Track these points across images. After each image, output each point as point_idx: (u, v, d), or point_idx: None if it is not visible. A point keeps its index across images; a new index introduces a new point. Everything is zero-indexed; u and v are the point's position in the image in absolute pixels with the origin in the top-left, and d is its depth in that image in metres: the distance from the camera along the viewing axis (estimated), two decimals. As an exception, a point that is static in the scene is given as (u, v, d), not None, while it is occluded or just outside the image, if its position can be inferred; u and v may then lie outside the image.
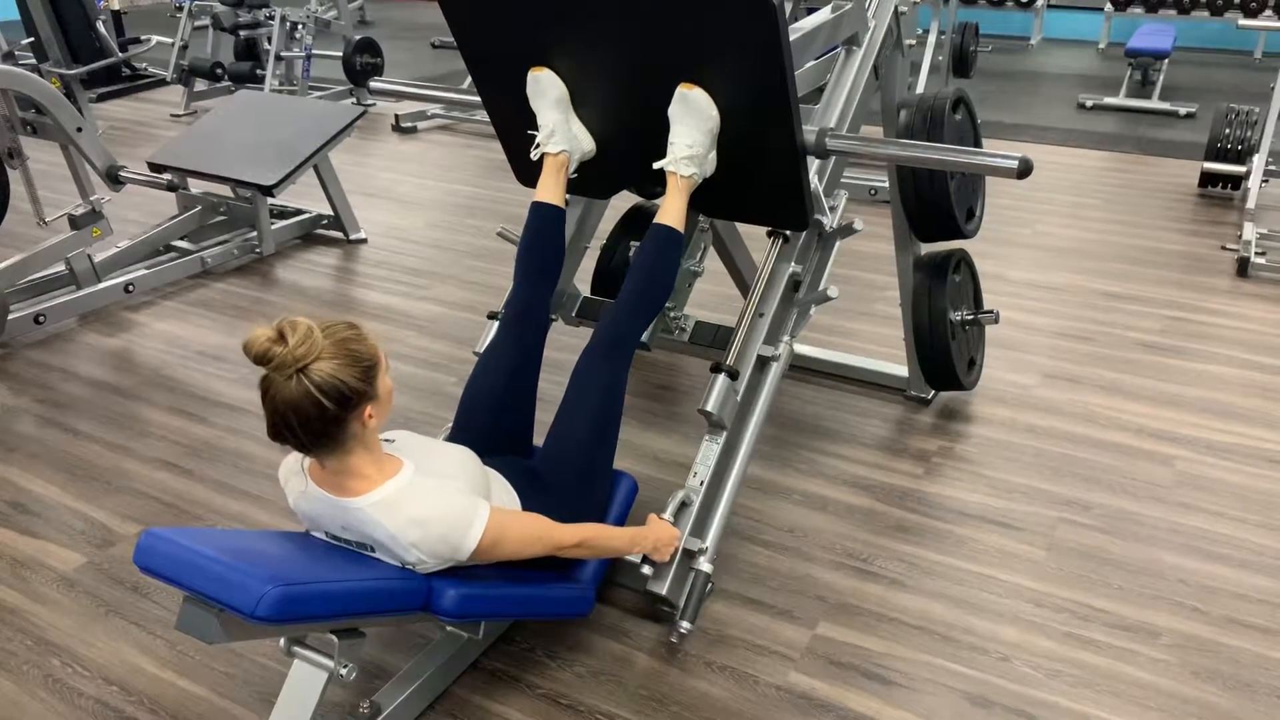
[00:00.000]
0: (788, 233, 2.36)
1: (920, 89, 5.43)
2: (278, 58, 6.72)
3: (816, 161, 2.35)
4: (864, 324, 3.72)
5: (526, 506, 1.97)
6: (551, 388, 2.44)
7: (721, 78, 2.05)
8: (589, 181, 2.42)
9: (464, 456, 1.88)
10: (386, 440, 1.85)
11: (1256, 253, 4.21)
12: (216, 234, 4.37)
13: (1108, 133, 6.53)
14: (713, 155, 2.15)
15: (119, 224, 4.41)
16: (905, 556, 2.46)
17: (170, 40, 6.94)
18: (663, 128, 2.15)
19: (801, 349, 3.39)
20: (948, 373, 2.99)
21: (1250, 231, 4.35)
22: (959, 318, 3.01)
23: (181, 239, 4.26)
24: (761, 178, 2.22)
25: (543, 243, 2.29)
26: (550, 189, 2.27)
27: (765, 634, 2.21)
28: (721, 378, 2.23)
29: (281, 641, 1.71)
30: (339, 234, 4.61)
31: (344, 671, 1.66)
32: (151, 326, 3.70)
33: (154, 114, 7.00)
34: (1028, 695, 2.04)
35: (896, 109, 2.87)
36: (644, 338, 2.44)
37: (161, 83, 7.24)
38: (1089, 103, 7.09)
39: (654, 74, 2.11)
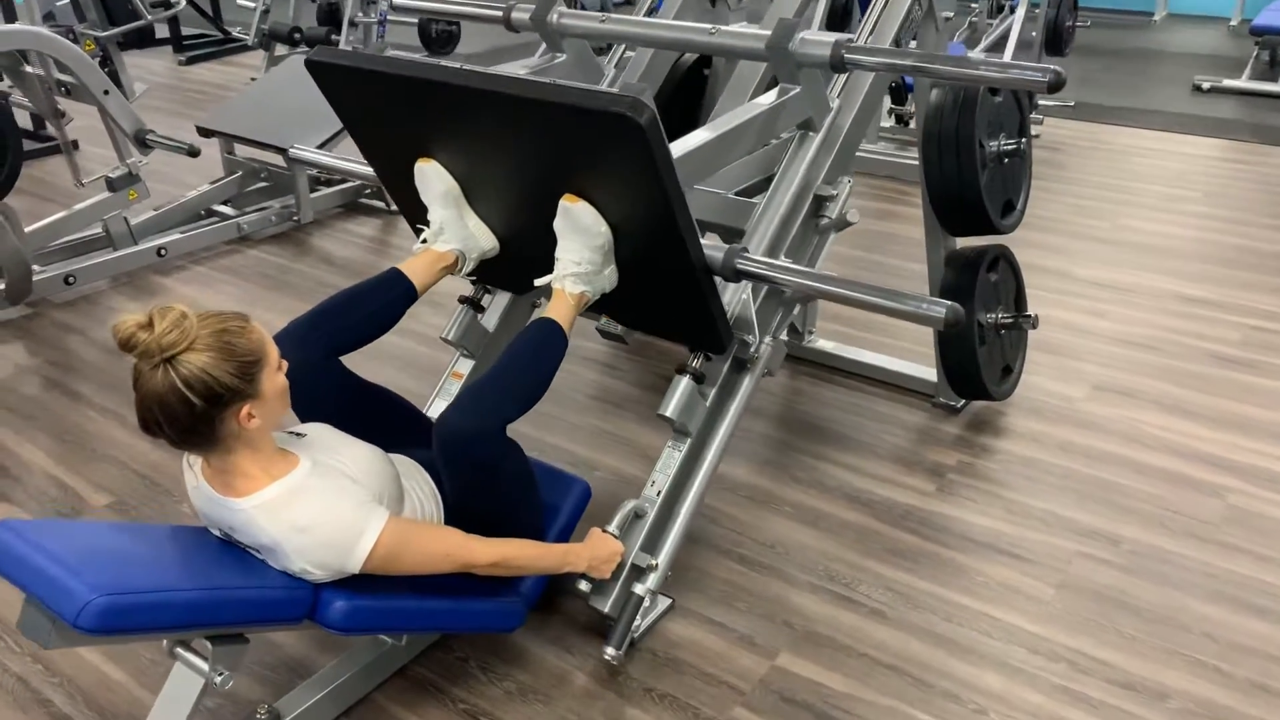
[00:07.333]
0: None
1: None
2: (351, 23, 6.70)
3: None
4: (901, 319, 3.44)
5: (449, 514, 1.84)
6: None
7: (604, 193, 1.81)
8: (501, 276, 2.23)
9: (373, 457, 1.75)
10: (297, 434, 1.74)
11: (1368, 258, 3.77)
12: (261, 200, 4.37)
13: (1222, 118, 5.97)
14: (611, 270, 1.90)
15: (174, 186, 4.46)
16: (893, 584, 2.24)
17: (253, 4, 7.00)
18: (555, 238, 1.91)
19: (825, 345, 3.16)
20: (973, 380, 2.72)
21: (1364, 234, 3.89)
22: (991, 320, 2.74)
23: (225, 204, 4.27)
24: (666, 297, 1.98)
25: (368, 302, 1.95)
26: (417, 270, 1.99)
27: (719, 661, 2.03)
28: (685, 380, 2.04)
29: (164, 640, 1.62)
30: (381, 204, 4.55)
31: (219, 679, 1.56)
32: (176, 292, 3.70)
33: (237, 78, 7.09)
34: (998, 756, 1.82)
35: (930, 87, 2.61)
36: (619, 330, 2.28)
37: (247, 46, 7.33)
38: (1205, 85, 6.51)
39: (537, 183, 1.88)
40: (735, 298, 2.06)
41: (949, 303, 1.76)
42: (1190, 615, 2.15)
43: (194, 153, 3.57)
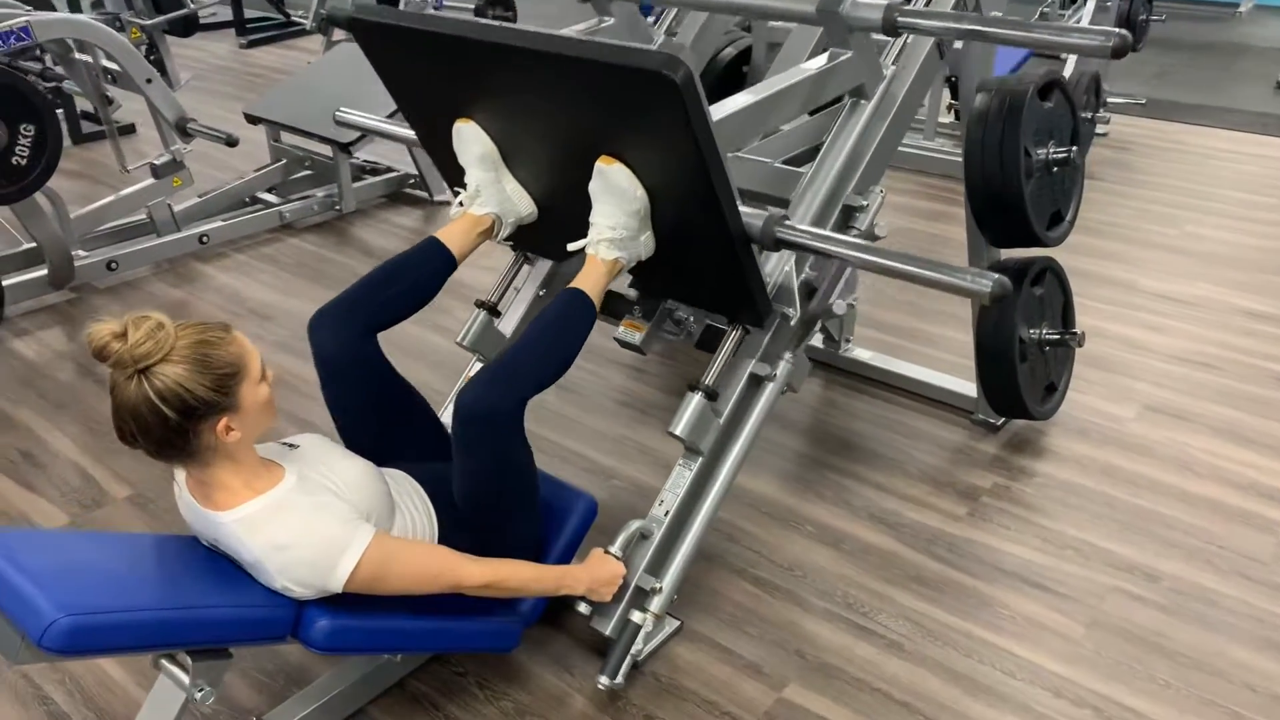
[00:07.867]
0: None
1: (1070, 66, 4.80)
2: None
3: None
4: (948, 328, 3.31)
5: (443, 531, 1.79)
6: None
7: (641, 155, 1.74)
8: (539, 243, 2.18)
9: (364, 471, 1.70)
10: (290, 445, 1.71)
11: None
12: (305, 188, 4.38)
13: (1307, 118, 5.68)
14: (647, 236, 1.84)
15: (222, 170, 4.50)
16: (913, 614, 2.14)
17: (314, -12, 7.03)
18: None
19: (861, 354, 3.05)
20: (1012, 398, 2.60)
21: None
22: (1034, 337, 2.61)
23: (269, 191, 4.29)
24: (703, 266, 1.90)
25: (408, 274, 1.93)
26: (455, 236, 1.96)
27: (724, 690, 1.96)
28: (697, 398, 1.97)
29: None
30: (424, 194, 4.53)
31: (199, 695, 1.53)
32: (216, 280, 3.73)
33: (297, 61, 7.14)
34: (1010, 809, 1.72)
35: (975, 90, 2.48)
36: (636, 340, 2.21)
37: (307, 31, 7.38)
38: (1290, 82, 6.21)
39: (574, 144, 1.82)
40: (777, 268, 1.99)
41: (996, 275, 1.65)
42: (1230, 662, 2.02)
43: (232, 143, 3.58)
